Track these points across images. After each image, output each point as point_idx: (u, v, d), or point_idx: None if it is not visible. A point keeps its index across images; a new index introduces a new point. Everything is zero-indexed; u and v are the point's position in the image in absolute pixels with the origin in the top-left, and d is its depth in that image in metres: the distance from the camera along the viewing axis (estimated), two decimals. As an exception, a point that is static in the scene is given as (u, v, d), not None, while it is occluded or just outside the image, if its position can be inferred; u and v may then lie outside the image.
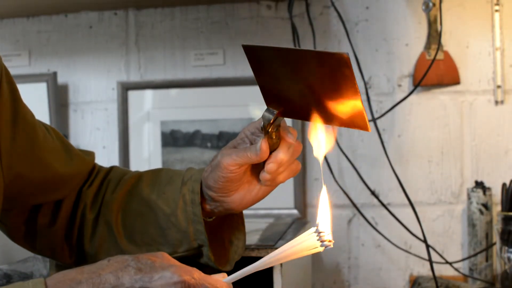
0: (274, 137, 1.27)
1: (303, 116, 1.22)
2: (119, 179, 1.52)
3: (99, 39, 2.43)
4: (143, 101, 2.38)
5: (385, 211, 2.19)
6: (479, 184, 2.10)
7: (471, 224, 2.10)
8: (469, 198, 2.10)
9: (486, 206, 2.08)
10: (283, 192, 2.25)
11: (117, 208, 1.47)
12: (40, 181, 1.40)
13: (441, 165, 2.21)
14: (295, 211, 2.26)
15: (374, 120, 2.18)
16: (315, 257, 2.27)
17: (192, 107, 2.33)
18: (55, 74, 2.40)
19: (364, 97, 2.21)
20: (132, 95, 2.38)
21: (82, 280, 1.08)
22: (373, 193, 2.23)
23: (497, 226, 1.93)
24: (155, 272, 1.12)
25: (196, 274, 1.14)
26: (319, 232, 1.16)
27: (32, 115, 1.39)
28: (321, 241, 1.15)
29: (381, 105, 2.23)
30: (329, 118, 1.19)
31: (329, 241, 1.16)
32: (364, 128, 1.17)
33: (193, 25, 2.37)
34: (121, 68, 2.41)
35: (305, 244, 1.17)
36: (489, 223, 2.08)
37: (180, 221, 1.40)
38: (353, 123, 1.17)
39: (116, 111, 2.40)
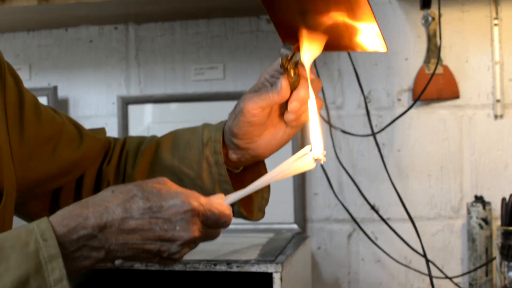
0: (293, 75, 1.26)
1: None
2: (136, 150, 1.51)
3: (99, 53, 2.44)
4: (143, 116, 2.38)
5: (385, 226, 2.19)
6: (479, 199, 2.10)
7: (471, 239, 2.10)
8: (468, 212, 2.10)
9: (485, 220, 2.08)
10: (283, 206, 2.25)
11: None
12: (51, 170, 1.40)
13: (440, 179, 2.21)
14: (295, 226, 2.26)
15: (373, 134, 2.18)
16: (315, 272, 2.27)
17: (192, 122, 2.31)
18: (55, 88, 2.41)
19: (363, 111, 2.22)
20: (132, 109, 2.38)
21: (89, 215, 1.06)
22: (373, 207, 2.23)
23: (497, 240, 1.93)
24: (163, 200, 1.09)
25: (202, 200, 1.12)
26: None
27: (36, 103, 1.39)
28: (314, 159, 1.17)
29: (381, 120, 2.23)
30: (346, 44, 1.18)
31: (319, 159, 1.18)
32: (381, 47, 1.16)
33: (193, 39, 2.37)
34: (121, 82, 2.42)
35: (299, 164, 1.18)
36: (489, 237, 2.08)
37: (206, 184, 1.38)
38: (370, 45, 1.16)
39: (116, 126, 2.40)
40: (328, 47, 1.21)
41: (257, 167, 1.45)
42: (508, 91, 2.17)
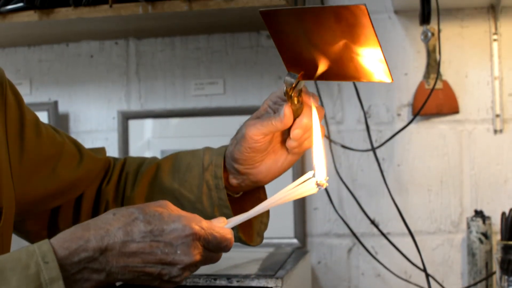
0: (296, 103, 1.27)
1: (325, 76, 1.22)
2: (136, 171, 1.51)
3: (99, 68, 2.44)
4: (144, 130, 2.38)
5: (385, 241, 2.20)
6: (479, 213, 2.10)
7: (471, 253, 2.10)
8: (468, 227, 2.10)
9: (485, 235, 2.08)
10: (283, 221, 2.25)
11: (140, 202, 1.45)
12: (50, 189, 1.40)
13: (440, 194, 2.21)
14: (295, 241, 2.26)
15: (373, 149, 2.19)
16: (315, 286, 2.27)
17: (192, 137, 2.34)
18: (56, 103, 2.41)
19: (363, 126, 2.22)
20: (133, 124, 2.38)
21: (91, 237, 1.05)
22: (372, 222, 2.23)
23: (496, 255, 1.93)
24: (165, 224, 1.09)
25: (204, 223, 1.12)
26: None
27: (37, 122, 1.40)
28: (317, 185, 1.17)
29: (381, 135, 2.24)
30: (351, 75, 1.19)
31: (321, 184, 1.20)
32: (386, 78, 1.17)
33: (194, 54, 2.38)
34: (121, 97, 2.42)
35: (300, 190, 1.19)
36: (489, 252, 2.08)
37: (205, 207, 1.38)
38: (375, 75, 1.17)
39: (117, 140, 2.40)
40: (333, 77, 1.22)
41: (257, 193, 1.45)
42: (507, 106, 2.18)
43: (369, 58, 1.14)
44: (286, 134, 1.33)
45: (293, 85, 1.24)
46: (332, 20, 1.10)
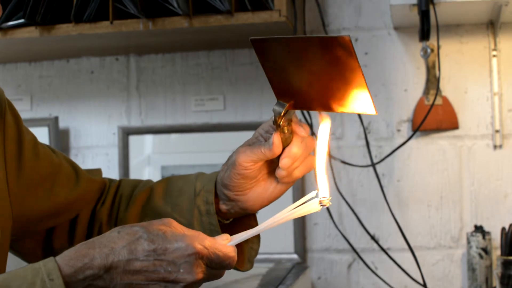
0: (286, 132, 1.27)
1: (313, 107, 1.23)
2: (130, 194, 1.52)
3: (100, 84, 2.45)
4: (144, 146, 2.39)
5: (385, 256, 2.19)
6: (479, 228, 2.10)
7: (471, 269, 2.10)
8: (468, 242, 2.10)
9: (485, 250, 2.08)
10: (283, 236, 2.25)
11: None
12: (47, 209, 1.41)
13: (440, 209, 2.22)
14: (295, 256, 2.26)
15: (373, 165, 2.19)
16: (315, 302, 2.27)
17: (192, 152, 2.34)
18: (56, 118, 2.41)
19: (363, 142, 2.23)
20: (133, 140, 2.39)
21: (96, 255, 1.07)
22: (372, 238, 2.23)
23: (496, 270, 1.93)
24: (168, 243, 1.10)
25: (207, 243, 1.12)
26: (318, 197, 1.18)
27: (35, 142, 1.40)
28: (320, 204, 1.18)
29: (381, 150, 2.24)
30: (337, 106, 1.20)
31: (324, 203, 1.18)
32: (369, 111, 1.17)
33: (194, 70, 2.39)
34: (122, 113, 2.43)
35: (304, 208, 1.18)
36: (489, 267, 2.08)
37: None
38: (359, 106, 1.17)
39: (117, 156, 2.41)
40: (319, 107, 1.22)
41: (247, 219, 1.46)
42: (507, 121, 2.18)
43: (354, 89, 1.15)
44: (276, 163, 1.34)
45: (282, 114, 1.24)
46: (319, 50, 1.11)
